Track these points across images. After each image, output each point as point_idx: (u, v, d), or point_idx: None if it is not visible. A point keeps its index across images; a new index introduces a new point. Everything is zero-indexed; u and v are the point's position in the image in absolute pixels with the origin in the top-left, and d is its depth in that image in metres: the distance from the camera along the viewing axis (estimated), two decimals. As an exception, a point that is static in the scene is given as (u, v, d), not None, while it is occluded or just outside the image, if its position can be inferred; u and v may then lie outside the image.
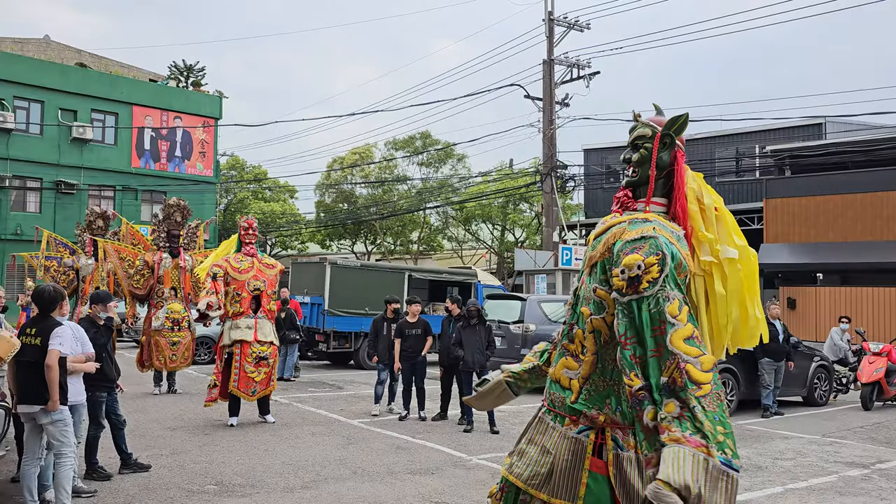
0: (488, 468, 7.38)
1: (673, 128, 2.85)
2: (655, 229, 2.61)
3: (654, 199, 2.84)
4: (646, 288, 2.49)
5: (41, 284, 5.81)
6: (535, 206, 33.40)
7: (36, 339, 5.29)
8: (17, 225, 27.82)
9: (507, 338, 13.11)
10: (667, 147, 2.85)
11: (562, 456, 2.62)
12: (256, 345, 9.50)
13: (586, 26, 22.38)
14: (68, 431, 5.45)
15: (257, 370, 9.46)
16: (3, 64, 28.45)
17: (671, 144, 2.86)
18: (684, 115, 2.86)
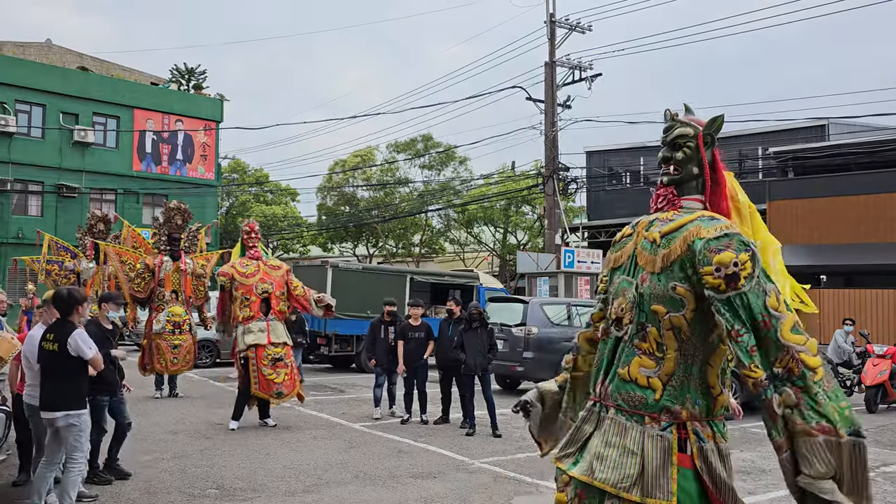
0: (491, 472, 7.34)
1: (713, 127, 2.98)
2: (732, 226, 2.76)
3: (692, 196, 2.96)
4: (744, 284, 2.60)
5: (59, 288, 5.79)
6: (538, 208, 33.39)
7: (54, 345, 5.29)
8: (19, 228, 27.83)
9: (509, 340, 13.07)
10: (708, 146, 2.97)
11: (650, 454, 2.67)
12: (271, 347, 9.54)
13: (588, 28, 22.36)
14: (83, 437, 5.44)
15: (275, 372, 9.49)
16: (5, 68, 28.47)
17: (712, 143, 2.97)
18: (721, 116, 2.98)
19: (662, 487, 2.62)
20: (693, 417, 2.70)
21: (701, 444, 2.66)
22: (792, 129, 24.85)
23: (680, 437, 2.68)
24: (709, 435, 2.69)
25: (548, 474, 7.23)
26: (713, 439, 2.69)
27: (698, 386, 2.71)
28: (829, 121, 24.52)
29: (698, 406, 2.71)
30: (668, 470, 2.63)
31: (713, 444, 2.68)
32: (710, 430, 2.70)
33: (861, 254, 20.10)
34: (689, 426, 2.69)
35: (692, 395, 2.71)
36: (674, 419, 2.70)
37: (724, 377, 2.75)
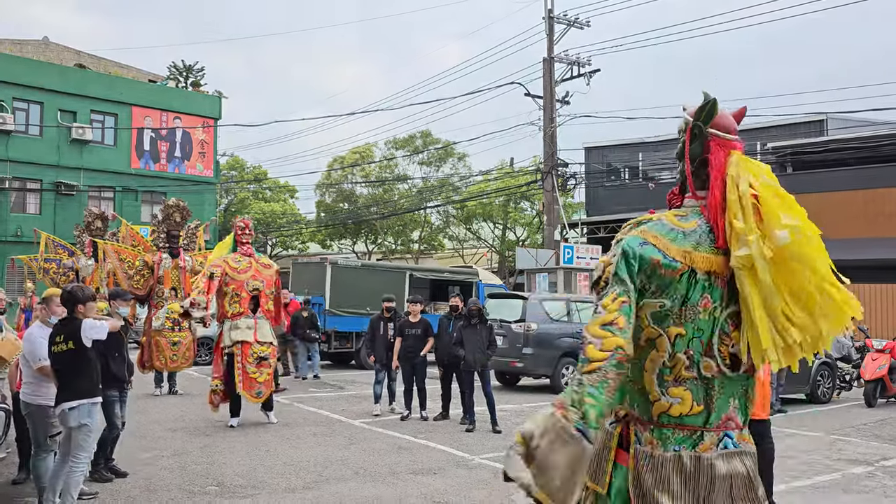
0: (490, 468, 7.34)
1: (700, 116, 2.75)
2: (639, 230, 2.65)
3: (698, 192, 2.75)
4: (603, 287, 2.59)
5: (66, 286, 5.81)
6: (537, 204, 33.38)
7: (67, 344, 5.30)
8: (17, 226, 27.81)
9: (508, 337, 13.08)
10: (697, 138, 2.77)
11: (598, 444, 2.63)
12: (257, 345, 9.47)
13: (586, 24, 22.34)
14: (91, 438, 5.45)
15: (259, 371, 9.42)
16: (2, 65, 28.42)
17: (701, 134, 2.76)
18: (710, 101, 2.74)
19: (598, 476, 2.68)
20: (635, 419, 2.66)
21: (638, 446, 2.61)
22: (790, 125, 24.86)
23: (622, 435, 2.68)
24: (647, 440, 2.60)
25: (547, 470, 7.23)
26: (651, 444, 2.58)
27: (637, 388, 2.64)
28: (827, 116, 24.51)
29: (638, 408, 2.65)
30: (605, 462, 2.68)
31: (649, 449, 2.58)
32: (650, 435, 2.60)
33: (860, 249, 20.10)
34: (632, 427, 2.66)
35: (631, 396, 2.66)
36: (616, 418, 2.71)
37: (664, 383, 2.58)
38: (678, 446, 2.57)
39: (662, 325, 2.57)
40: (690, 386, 2.59)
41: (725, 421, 2.63)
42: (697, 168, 2.76)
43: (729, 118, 2.80)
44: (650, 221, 2.68)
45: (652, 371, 2.61)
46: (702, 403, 2.60)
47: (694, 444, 2.58)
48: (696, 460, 2.56)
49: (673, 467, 2.56)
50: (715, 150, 2.71)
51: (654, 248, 2.56)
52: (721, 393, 2.61)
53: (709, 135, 2.73)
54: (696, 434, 2.59)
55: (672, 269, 2.54)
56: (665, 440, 2.58)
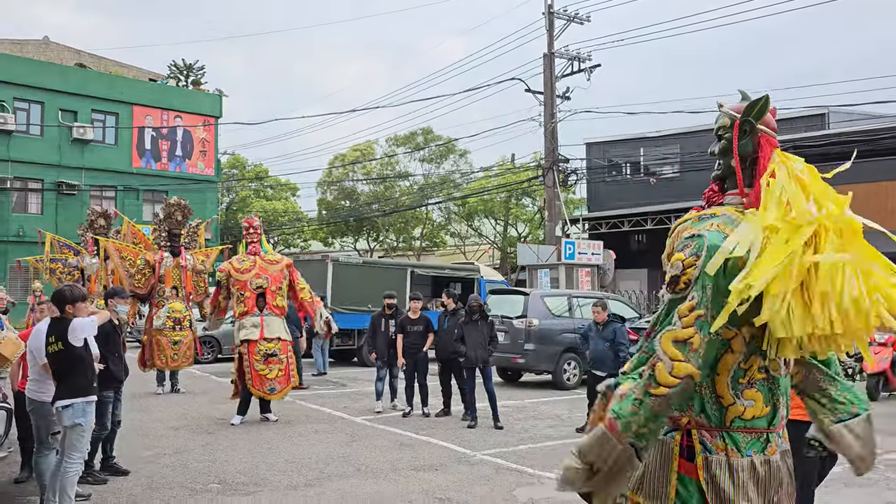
0: (492, 464, 7.34)
1: (752, 113, 2.69)
2: (713, 226, 2.53)
3: (733, 191, 2.71)
4: (681, 289, 2.47)
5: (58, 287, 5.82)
6: (538, 200, 33.36)
7: (57, 345, 5.32)
8: (20, 226, 27.85)
9: (510, 332, 13.07)
10: (747, 134, 2.69)
11: (652, 457, 2.60)
12: (263, 342, 9.53)
13: (586, 19, 22.29)
14: (84, 438, 5.45)
15: (268, 367, 9.47)
16: (3, 65, 28.44)
17: (752, 131, 2.69)
18: (763, 98, 2.69)
19: (659, 492, 2.57)
20: (700, 426, 2.54)
21: (707, 454, 2.50)
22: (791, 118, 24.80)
23: (683, 445, 2.56)
24: (719, 447, 2.50)
25: (549, 465, 7.24)
26: (725, 452, 2.49)
27: (706, 394, 2.53)
28: (828, 109, 24.46)
29: (705, 415, 2.54)
30: (667, 475, 2.57)
31: (724, 456, 2.48)
32: (721, 441, 2.50)
33: (862, 242, 20.04)
34: (696, 435, 2.54)
35: (697, 402, 2.54)
36: (674, 425, 2.58)
37: (737, 386, 2.50)
38: (750, 451, 2.51)
39: (738, 325, 2.45)
40: (760, 387, 2.54)
41: (782, 420, 2.61)
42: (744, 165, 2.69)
43: (772, 118, 2.75)
44: (717, 216, 2.58)
45: (726, 374, 2.52)
46: (769, 404, 2.55)
47: (762, 447, 2.54)
48: (767, 464, 2.51)
49: (749, 473, 2.49)
50: (765, 146, 2.67)
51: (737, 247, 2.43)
52: (782, 392, 2.58)
53: (759, 132, 2.68)
54: (763, 437, 2.54)
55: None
56: (739, 445, 2.51)
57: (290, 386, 9.81)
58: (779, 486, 2.51)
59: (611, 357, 8.89)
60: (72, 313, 5.38)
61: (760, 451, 2.51)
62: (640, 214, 24.86)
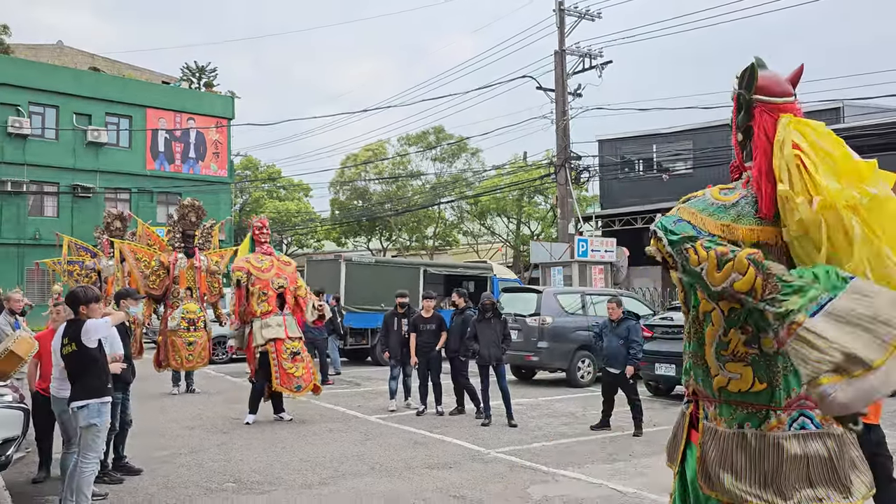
0: (507, 461, 7.33)
1: (742, 84, 2.64)
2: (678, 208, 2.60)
3: (746, 164, 2.65)
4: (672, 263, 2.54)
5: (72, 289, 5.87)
6: (550, 198, 33.27)
7: (71, 346, 5.37)
8: (36, 229, 28.09)
9: (523, 330, 13.05)
10: (742, 106, 2.65)
11: (674, 425, 2.82)
12: (289, 341, 9.60)
13: (597, 15, 22.20)
14: (99, 438, 5.49)
15: (295, 365, 9.56)
16: (18, 70, 28.70)
17: (745, 102, 2.64)
18: (748, 67, 2.62)
19: (674, 458, 2.75)
20: (703, 396, 2.64)
21: (705, 422, 2.60)
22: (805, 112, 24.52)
23: (693, 414, 2.67)
24: (713, 416, 2.58)
25: (564, 463, 7.22)
26: (715, 420, 2.57)
27: (700, 363, 2.64)
28: (843, 103, 24.23)
29: (702, 383, 2.64)
30: (680, 441, 2.72)
31: (714, 424, 2.57)
32: (714, 410, 2.59)
33: (878, 237, 19.85)
34: (701, 403, 2.65)
35: (695, 371, 2.66)
36: (687, 396, 2.73)
37: (721, 357, 2.55)
38: (742, 423, 2.52)
39: (716, 299, 2.50)
40: (751, 362, 2.51)
41: (797, 399, 2.49)
42: (744, 139, 2.66)
43: (779, 82, 2.63)
44: (692, 199, 2.62)
45: (710, 345, 2.59)
46: (764, 381, 2.51)
47: (759, 422, 2.51)
48: (762, 438, 2.48)
49: (736, 444, 2.51)
50: (759, 117, 2.59)
51: (687, 224, 2.50)
52: (788, 370, 2.48)
53: (753, 101, 2.61)
54: (761, 412, 2.51)
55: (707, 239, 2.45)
56: (729, 417, 2.55)
57: (313, 382, 9.84)
58: (779, 464, 2.44)
59: (624, 354, 8.86)
60: (86, 314, 5.42)
61: (756, 426, 2.49)
62: (654, 211, 24.70)
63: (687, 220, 2.52)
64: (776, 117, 2.55)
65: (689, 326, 2.70)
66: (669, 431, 2.91)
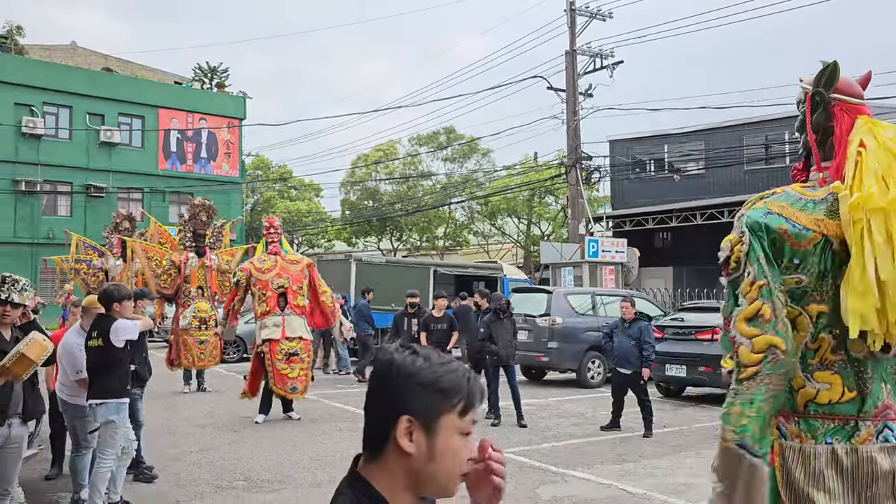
0: (516, 461, 7.32)
1: (822, 82, 2.55)
2: (762, 202, 2.46)
3: (823, 164, 2.54)
4: (733, 269, 2.41)
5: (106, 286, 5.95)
6: (561, 198, 33.21)
7: (98, 340, 5.43)
8: (49, 229, 28.30)
9: (533, 331, 13.03)
10: (819, 105, 2.56)
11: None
12: (284, 342, 9.60)
13: (609, 15, 22.14)
14: (117, 435, 5.53)
15: (290, 366, 9.55)
16: (32, 70, 28.93)
17: (822, 101, 2.55)
18: (830, 65, 2.55)
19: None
20: (779, 412, 2.43)
21: (782, 440, 2.40)
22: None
23: None
24: (793, 432, 2.39)
25: (573, 464, 7.21)
26: (799, 438, 2.38)
27: None
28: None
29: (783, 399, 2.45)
30: None
31: (797, 442, 2.37)
32: (796, 427, 2.40)
33: None
34: (775, 421, 2.43)
35: None
36: None
37: (808, 367, 2.38)
38: (830, 438, 2.36)
39: (802, 303, 2.36)
40: (839, 369, 2.38)
41: (884, 410, 2.36)
42: (822, 138, 2.57)
43: (854, 84, 2.59)
44: (775, 193, 2.49)
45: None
46: (854, 389, 2.37)
47: (849, 435, 2.35)
48: (854, 453, 2.32)
49: (827, 461, 2.34)
50: (840, 115, 2.53)
51: (779, 216, 2.38)
52: (874, 377, 2.37)
53: (832, 100, 2.54)
54: (850, 424, 2.36)
55: (804, 239, 2.34)
56: (815, 432, 2.37)
57: (306, 385, 9.88)
58: (873, 481, 2.30)
59: (635, 355, 8.82)
60: (118, 312, 5.49)
61: (846, 440, 2.33)
62: (665, 212, 24.64)
63: (777, 212, 2.40)
64: (854, 117, 2.51)
65: None
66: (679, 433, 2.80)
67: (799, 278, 2.33)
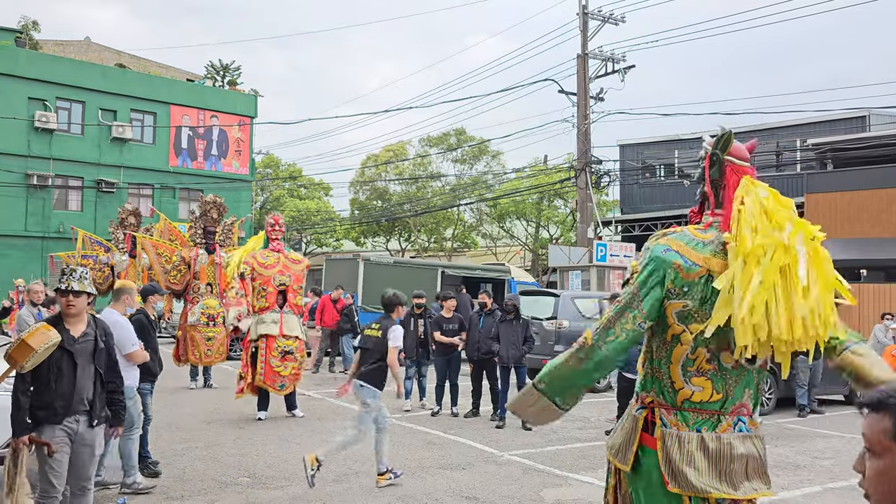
0: (520, 464, 7.33)
1: (718, 146, 3.19)
2: (665, 238, 3.11)
3: (716, 211, 3.20)
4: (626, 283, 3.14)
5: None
6: (570, 202, 33.14)
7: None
8: (60, 223, 28.46)
9: (540, 334, 13.01)
10: (714, 164, 3.20)
11: (625, 429, 3.22)
12: (282, 339, 9.63)
13: (621, 20, 22.10)
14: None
15: (283, 364, 9.58)
16: (46, 65, 29.11)
17: (718, 161, 3.19)
18: (725, 133, 3.20)
19: (626, 458, 3.13)
20: (660, 405, 3.07)
21: (664, 428, 3.01)
22: (831, 121, 24.32)
23: (648, 420, 3.10)
24: (672, 422, 3.01)
25: (577, 467, 7.21)
26: (676, 426, 2.99)
27: (663, 378, 3.07)
28: (870, 111, 23.95)
29: (663, 396, 3.07)
30: (632, 444, 3.12)
31: (675, 430, 2.99)
32: (675, 418, 3.01)
33: (904, 247, 19.61)
34: (657, 412, 3.06)
35: (657, 385, 3.09)
36: (642, 404, 3.16)
37: (687, 374, 3.01)
38: (699, 427, 3.00)
39: (686, 323, 2.96)
40: (711, 376, 2.99)
41: (739, 407, 3.02)
42: (715, 190, 3.21)
43: (742, 149, 3.24)
44: (675, 232, 3.14)
45: (677, 363, 3.03)
46: (721, 392, 3.00)
47: (713, 425, 2.99)
48: (717, 440, 2.96)
49: (696, 445, 2.96)
50: (729, 174, 3.16)
51: (676, 253, 3.00)
52: (737, 382, 2.99)
53: (725, 161, 3.18)
54: (714, 417, 3.01)
55: (692, 272, 2.94)
56: (688, 422, 3.00)
57: (296, 384, 9.90)
58: (731, 460, 2.94)
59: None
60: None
61: (711, 429, 2.98)
62: (674, 217, 24.57)
63: (675, 250, 3.03)
64: (740, 177, 3.14)
65: (656, 347, 3.14)
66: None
67: (685, 303, 2.93)
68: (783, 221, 2.96)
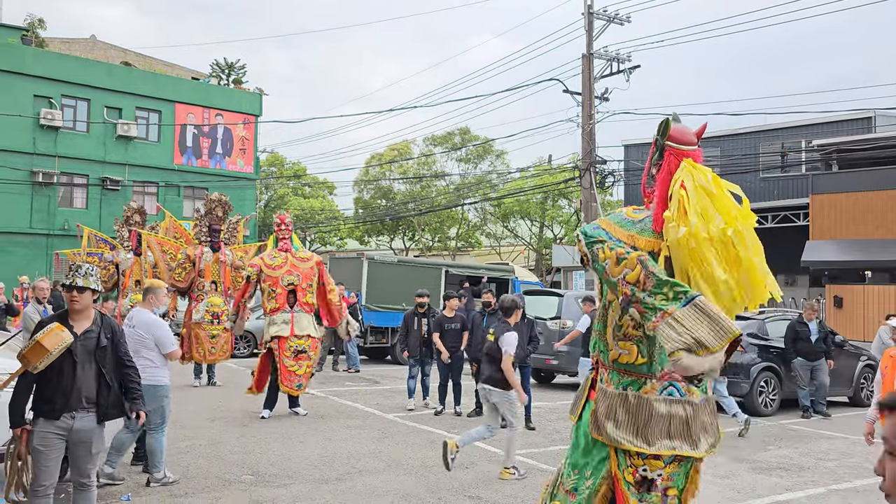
0: (524, 463, 7.32)
1: (659, 131, 3.46)
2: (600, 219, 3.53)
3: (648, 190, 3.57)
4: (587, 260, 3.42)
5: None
6: (574, 202, 33.14)
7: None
8: (65, 220, 28.52)
9: (543, 334, 12.98)
10: (657, 149, 3.49)
11: (581, 387, 3.67)
12: (293, 339, 9.65)
13: (626, 19, 22.06)
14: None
15: (297, 363, 9.60)
16: (52, 63, 29.17)
17: (659, 147, 3.47)
18: (664, 120, 3.45)
19: (575, 409, 3.60)
20: (601, 364, 3.51)
21: (600, 384, 3.46)
22: (836, 122, 24.25)
23: (594, 378, 3.54)
24: (605, 379, 3.45)
25: (580, 467, 7.20)
26: (606, 383, 3.42)
27: (603, 340, 3.48)
28: (875, 112, 23.88)
29: (601, 354, 3.50)
30: (581, 398, 3.59)
31: (605, 386, 3.42)
32: (606, 375, 3.44)
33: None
34: (599, 371, 3.50)
35: (599, 346, 3.53)
36: (592, 364, 3.60)
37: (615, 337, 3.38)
38: (625, 387, 3.37)
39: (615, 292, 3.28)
40: (636, 342, 3.34)
41: (669, 374, 3.32)
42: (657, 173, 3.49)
43: (686, 133, 3.45)
44: (612, 214, 3.54)
45: (610, 326, 3.43)
46: (645, 356, 3.35)
47: (639, 386, 3.35)
48: (638, 398, 3.32)
49: (619, 402, 3.34)
50: (667, 158, 3.42)
51: (603, 230, 3.38)
52: (663, 350, 3.20)
53: (665, 146, 3.43)
54: (641, 379, 3.36)
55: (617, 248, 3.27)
56: (616, 381, 3.39)
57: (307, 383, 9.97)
58: (648, 418, 3.27)
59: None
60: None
61: (637, 389, 3.34)
62: (679, 217, 24.51)
63: (604, 228, 3.40)
64: (680, 160, 3.35)
65: (600, 311, 3.51)
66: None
67: None
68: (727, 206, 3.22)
